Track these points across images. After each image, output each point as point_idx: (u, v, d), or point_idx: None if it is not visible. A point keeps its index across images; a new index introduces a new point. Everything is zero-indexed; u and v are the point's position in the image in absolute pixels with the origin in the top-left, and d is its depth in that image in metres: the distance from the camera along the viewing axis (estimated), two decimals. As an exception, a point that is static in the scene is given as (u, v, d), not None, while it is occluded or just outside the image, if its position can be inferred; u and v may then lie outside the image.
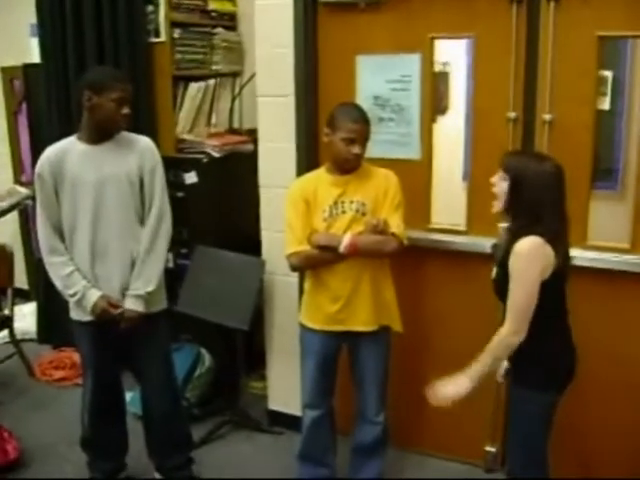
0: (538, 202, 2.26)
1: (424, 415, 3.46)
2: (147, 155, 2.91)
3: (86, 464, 3.21)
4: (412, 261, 3.18)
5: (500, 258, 2.37)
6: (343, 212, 2.80)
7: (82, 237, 2.84)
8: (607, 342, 2.97)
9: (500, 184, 2.34)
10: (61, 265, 2.86)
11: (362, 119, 2.76)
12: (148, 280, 2.91)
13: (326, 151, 2.95)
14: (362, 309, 2.84)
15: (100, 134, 2.83)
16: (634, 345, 2.95)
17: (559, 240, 2.29)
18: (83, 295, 2.84)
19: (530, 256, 2.24)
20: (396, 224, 2.79)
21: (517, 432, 2.48)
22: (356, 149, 2.74)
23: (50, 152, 2.85)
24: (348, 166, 2.79)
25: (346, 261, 2.78)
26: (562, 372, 2.42)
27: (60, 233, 2.87)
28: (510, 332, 2.29)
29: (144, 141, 2.95)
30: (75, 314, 2.94)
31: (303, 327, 3.00)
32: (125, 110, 2.77)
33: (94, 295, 2.85)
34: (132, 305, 2.90)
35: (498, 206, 2.38)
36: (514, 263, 2.26)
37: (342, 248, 2.73)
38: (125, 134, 2.91)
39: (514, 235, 2.30)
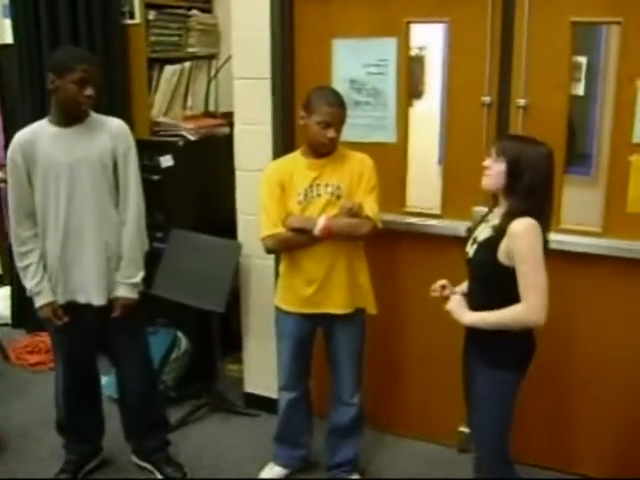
0: (536, 185, 2.29)
1: (399, 396, 3.51)
2: (120, 137, 2.88)
3: (62, 447, 3.22)
4: (387, 244, 3.20)
5: (488, 237, 2.37)
6: (318, 195, 2.81)
7: (55, 220, 2.82)
8: (578, 323, 3.03)
9: (494, 166, 2.35)
10: (20, 256, 2.87)
11: (338, 103, 2.76)
12: (138, 266, 2.95)
13: (302, 134, 2.95)
14: (337, 292, 2.86)
15: (67, 116, 2.79)
16: (605, 326, 3.01)
17: (546, 224, 2.34)
18: (34, 293, 2.86)
19: (532, 234, 2.26)
20: (370, 207, 2.80)
21: (486, 413, 2.50)
22: (331, 133, 2.74)
23: (21, 136, 2.82)
24: (323, 149, 2.80)
25: (321, 244, 2.79)
26: (528, 351, 2.45)
27: (31, 219, 2.84)
28: (533, 310, 2.28)
29: (117, 123, 2.92)
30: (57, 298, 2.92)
31: (278, 310, 3.01)
32: (88, 91, 2.72)
33: (43, 299, 2.86)
34: (127, 293, 2.92)
35: (489, 185, 2.39)
36: (518, 243, 2.26)
37: (317, 231, 2.74)
38: (97, 116, 2.88)
39: (505, 215, 2.32)
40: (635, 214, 2.87)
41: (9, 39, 4.25)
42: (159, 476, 3.22)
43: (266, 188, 2.85)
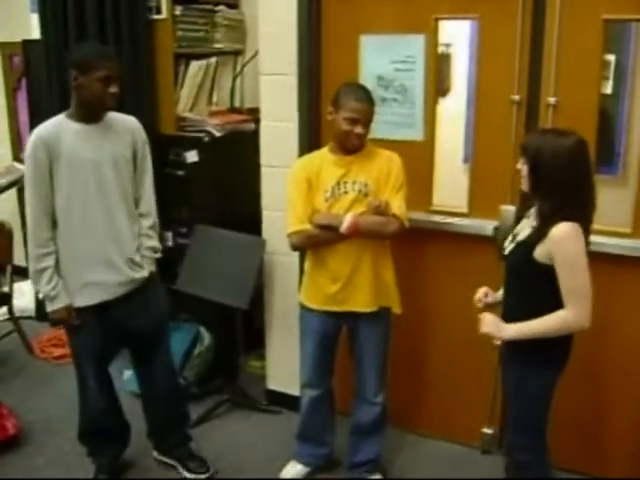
0: (559, 182, 2.22)
1: (423, 396, 3.49)
2: (137, 132, 2.94)
3: (88, 455, 3.19)
4: (413, 243, 3.18)
5: (526, 238, 2.33)
6: (345, 192, 2.79)
7: (82, 218, 2.80)
8: (608, 325, 2.98)
9: (523, 168, 2.31)
10: (38, 258, 2.79)
11: (366, 99, 2.74)
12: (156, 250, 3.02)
13: (328, 131, 2.94)
14: (362, 290, 2.84)
15: (90, 113, 2.79)
16: (636, 328, 2.97)
17: (586, 224, 2.28)
18: (50, 297, 2.81)
19: (574, 239, 2.21)
20: (398, 205, 2.78)
21: (521, 412, 2.49)
22: (359, 129, 2.72)
23: (42, 131, 2.76)
24: (351, 146, 2.78)
25: (346, 241, 2.77)
26: (567, 349, 2.42)
27: (50, 219, 2.79)
28: (578, 317, 2.25)
29: (132, 119, 2.97)
30: (77, 301, 2.87)
31: (303, 307, 3.00)
32: (112, 89, 2.73)
33: (60, 303, 2.82)
34: (153, 267, 3.00)
35: (524, 188, 2.36)
36: (562, 249, 2.22)
37: (343, 228, 2.72)
38: (113, 114, 2.89)
39: (546, 218, 2.26)
40: (666, 215, 2.83)
41: (36, 34, 4.26)
42: (182, 471, 3.23)
43: (293, 184, 2.84)
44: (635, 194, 2.90)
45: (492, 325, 2.39)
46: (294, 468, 3.23)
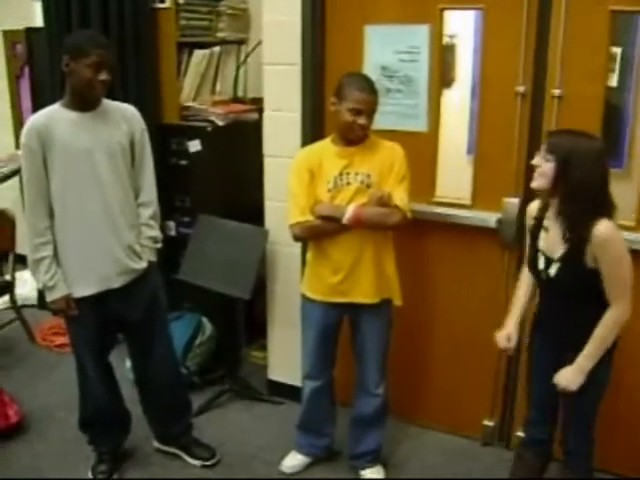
0: (592, 183, 2.22)
1: (424, 388, 3.49)
2: (135, 121, 2.90)
3: (89, 443, 3.20)
4: (416, 234, 3.17)
5: (569, 251, 2.31)
6: (348, 184, 2.78)
7: (78, 207, 2.78)
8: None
9: (545, 165, 2.29)
10: (36, 247, 2.77)
11: (369, 90, 2.72)
12: (156, 240, 3.00)
13: (332, 122, 2.92)
14: (364, 281, 2.83)
15: (82, 101, 2.75)
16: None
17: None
18: (48, 287, 2.79)
19: (618, 234, 2.25)
20: (400, 197, 2.77)
21: (583, 410, 2.49)
22: (362, 120, 2.70)
23: (36, 121, 2.75)
24: (353, 137, 2.76)
25: (349, 232, 2.77)
26: (614, 346, 2.42)
27: (47, 208, 2.77)
28: (622, 311, 2.30)
29: (129, 107, 2.94)
30: (75, 291, 2.85)
31: (305, 298, 3.00)
32: (103, 76, 2.68)
33: (59, 292, 2.80)
34: (153, 257, 2.98)
35: (539, 186, 2.33)
36: (612, 246, 2.23)
37: (346, 219, 2.71)
38: (109, 102, 2.87)
39: (578, 222, 2.25)
40: (671, 208, 2.82)
41: (39, 22, 4.25)
42: (187, 458, 3.24)
43: (295, 175, 2.83)
44: (639, 187, 2.89)
45: (572, 378, 2.37)
46: (295, 458, 3.23)
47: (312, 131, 3.30)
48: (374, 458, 3.15)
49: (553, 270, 2.38)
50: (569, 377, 2.38)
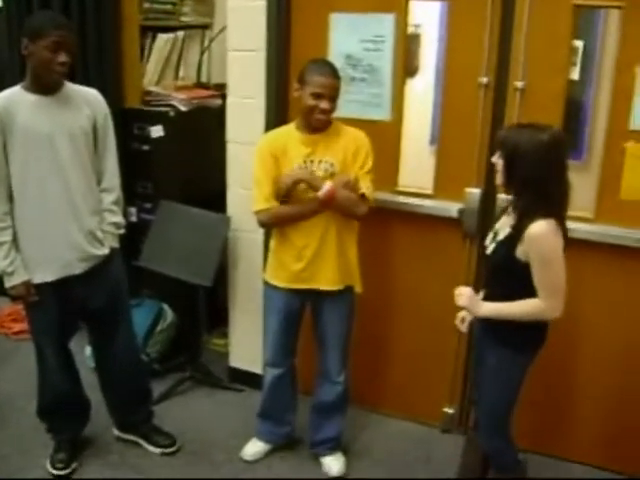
0: (536, 177, 2.23)
1: (384, 376, 3.51)
2: (98, 105, 2.85)
3: (47, 431, 3.16)
4: (378, 223, 3.18)
5: (506, 237, 2.34)
6: (312, 172, 2.77)
7: (38, 192, 2.73)
8: (576, 307, 3.01)
9: (498, 162, 2.31)
10: None
11: (332, 74, 2.71)
12: (119, 226, 2.97)
13: (296, 108, 2.91)
14: (327, 268, 2.84)
15: (42, 84, 2.69)
16: (593, 312, 3.02)
17: (562, 216, 2.30)
18: (7, 273, 2.75)
19: (550, 237, 2.23)
20: (366, 185, 2.78)
21: (492, 391, 2.51)
22: (324, 104, 2.69)
23: None
24: (316, 122, 2.74)
25: (312, 220, 2.77)
26: (541, 336, 2.45)
27: (6, 191, 2.71)
28: (550, 309, 2.29)
29: (93, 92, 2.89)
30: (35, 277, 2.81)
31: (267, 285, 2.99)
32: (61, 57, 2.61)
33: (18, 278, 2.76)
34: (116, 243, 2.95)
35: (497, 180, 2.36)
36: (538, 247, 2.24)
37: (321, 193, 2.69)
38: (72, 85, 2.82)
39: (521, 215, 2.27)
40: (629, 201, 2.87)
41: (-1, 4, 4.15)
42: (148, 446, 3.23)
43: (259, 161, 2.81)
44: (598, 180, 2.94)
45: (469, 299, 2.41)
46: (255, 445, 3.24)
47: (276, 118, 3.28)
48: (335, 445, 3.16)
49: (490, 249, 2.44)
50: (469, 297, 2.41)
